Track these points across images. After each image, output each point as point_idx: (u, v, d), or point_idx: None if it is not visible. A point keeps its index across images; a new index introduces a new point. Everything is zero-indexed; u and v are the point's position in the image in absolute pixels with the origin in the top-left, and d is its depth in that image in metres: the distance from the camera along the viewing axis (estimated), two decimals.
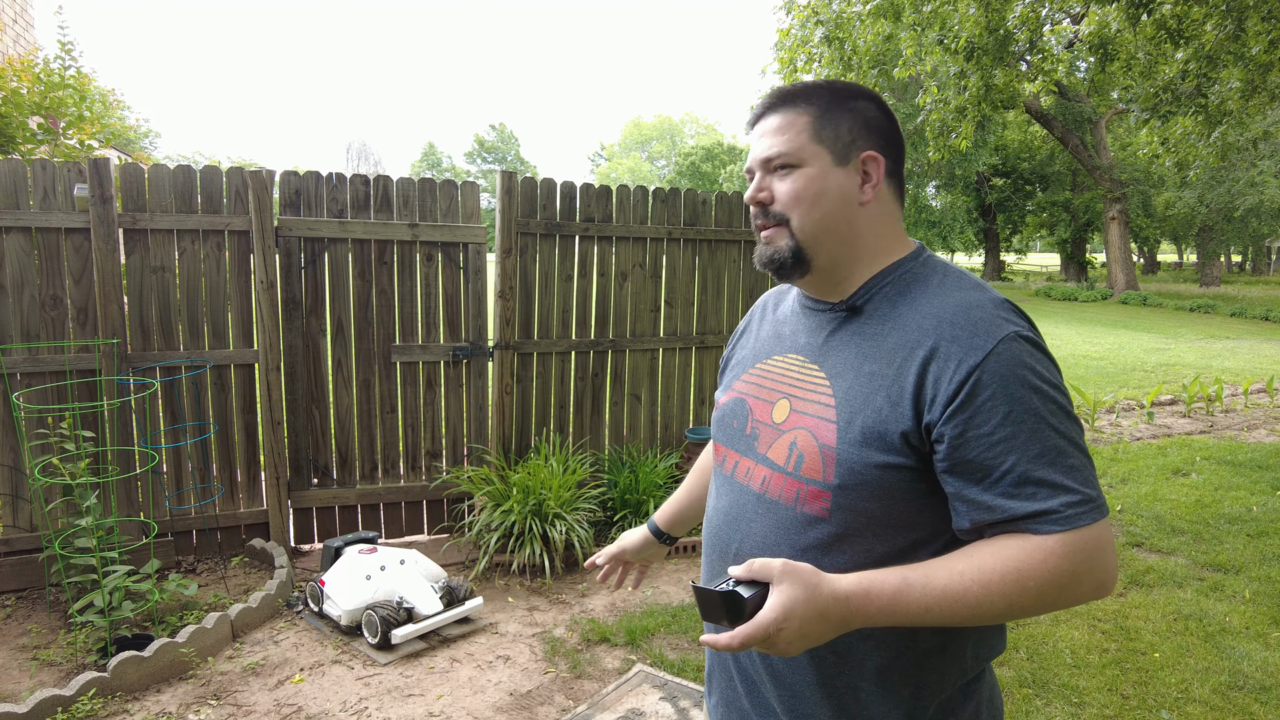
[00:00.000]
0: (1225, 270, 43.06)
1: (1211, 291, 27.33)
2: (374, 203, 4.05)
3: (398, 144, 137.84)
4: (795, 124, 1.06)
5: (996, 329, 0.94)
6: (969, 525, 0.94)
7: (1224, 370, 10.97)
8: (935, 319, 0.98)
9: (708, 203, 4.73)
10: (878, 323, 1.04)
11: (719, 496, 1.18)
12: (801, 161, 1.05)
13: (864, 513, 0.98)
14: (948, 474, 0.94)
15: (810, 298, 1.15)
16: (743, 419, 1.16)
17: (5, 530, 3.59)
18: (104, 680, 2.76)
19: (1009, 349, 0.93)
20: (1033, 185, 32.90)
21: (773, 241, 1.08)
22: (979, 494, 0.92)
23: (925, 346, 0.96)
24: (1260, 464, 6.01)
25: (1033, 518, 0.89)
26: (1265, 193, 23.72)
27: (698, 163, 44.90)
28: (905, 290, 1.05)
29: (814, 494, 1.00)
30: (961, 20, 6.30)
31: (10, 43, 6.82)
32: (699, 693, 2.85)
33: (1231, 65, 6.14)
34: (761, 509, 1.07)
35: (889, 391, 0.97)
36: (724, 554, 1.12)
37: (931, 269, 1.07)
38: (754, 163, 1.11)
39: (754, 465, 1.10)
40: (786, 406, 1.08)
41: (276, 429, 3.97)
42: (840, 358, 1.05)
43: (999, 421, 0.90)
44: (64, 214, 3.51)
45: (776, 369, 1.15)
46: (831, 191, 1.05)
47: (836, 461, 0.98)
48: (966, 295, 1.00)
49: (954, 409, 0.91)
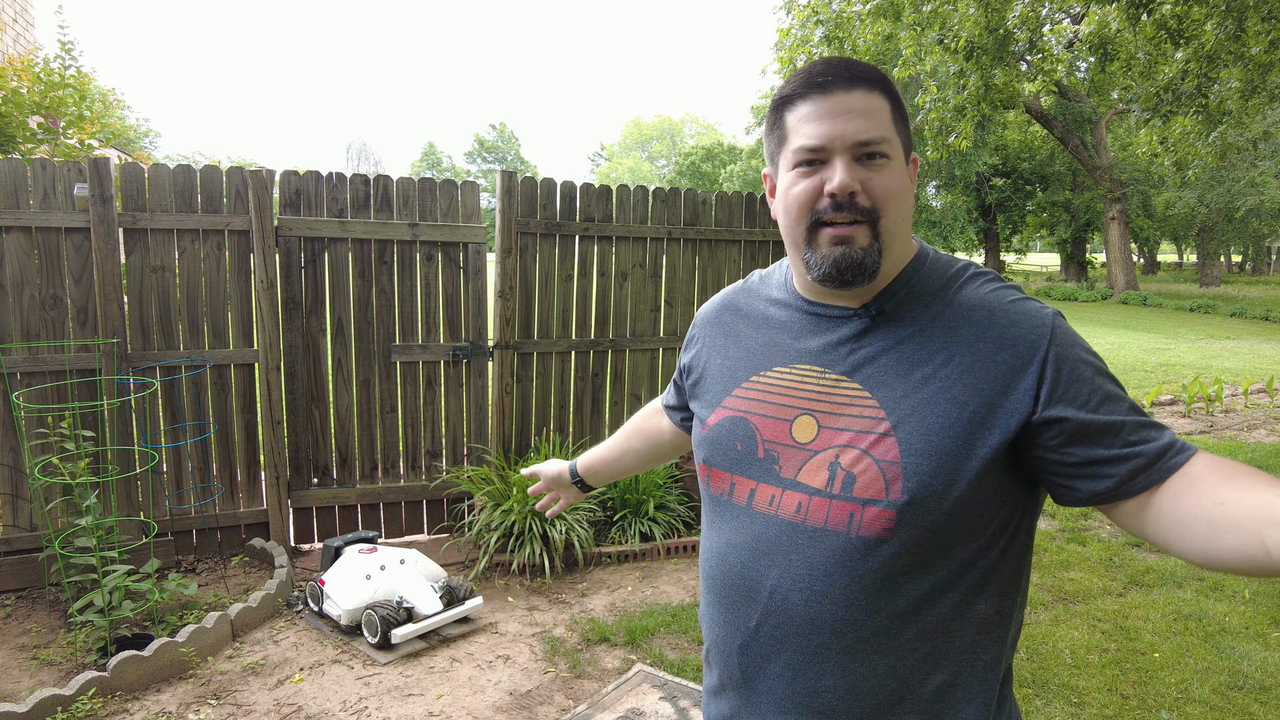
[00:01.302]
0: (1225, 270, 43.07)
1: (1211, 291, 27.34)
2: (374, 202, 4.05)
3: (398, 144, 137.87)
4: (882, 110, 0.95)
5: (1041, 312, 0.94)
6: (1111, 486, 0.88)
7: (1224, 370, 10.97)
8: (983, 311, 0.95)
9: (708, 203, 4.73)
10: (914, 326, 0.97)
11: (733, 530, 1.04)
12: (894, 154, 0.95)
13: (930, 526, 0.91)
14: (1067, 450, 0.89)
15: (815, 302, 1.05)
16: (749, 440, 1.04)
17: (5, 530, 3.59)
18: (104, 680, 2.76)
19: (1061, 326, 0.94)
20: (1033, 185, 32.89)
21: (854, 240, 0.94)
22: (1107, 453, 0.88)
23: (986, 340, 0.93)
24: (1260, 464, 6.01)
25: (1164, 454, 0.87)
26: (1265, 193, 23.73)
27: (698, 163, 44.89)
28: (932, 288, 1.00)
29: (874, 515, 0.92)
30: (961, 20, 6.30)
31: (10, 42, 6.82)
32: (699, 692, 2.85)
33: (1231, 65, 6.14)
34: (802, 538, 0.96)
35: (953, 392, 0.91)
36: (753, 593, 1.00)
37: (948, 265, 1.03)
38: (834, 142, 0.93)
39: (780, 492, 0.99)
40: (812, 424, 0.98)
41: (276, 429, 3.97)
42: (877, 367, 0.97)
43: (1090, 387, 0.89)
44: (64, 213, 3.51)
45: (786, 382, 1.03)
46: (909, 192, 0.98)
47: (904, 476, 0.90)
48: (993, 289, 0.98)
49: (1050, 390, 0.89)
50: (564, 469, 1.54)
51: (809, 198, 0.95)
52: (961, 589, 0.94)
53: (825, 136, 0.93)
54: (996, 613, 0.96)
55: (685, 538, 4.27)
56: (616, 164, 63.13)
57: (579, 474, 1.53)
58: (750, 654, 1.02)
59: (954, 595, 0.94)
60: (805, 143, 0.94)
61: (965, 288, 0.99)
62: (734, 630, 1.04)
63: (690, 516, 4.40)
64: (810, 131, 0.94)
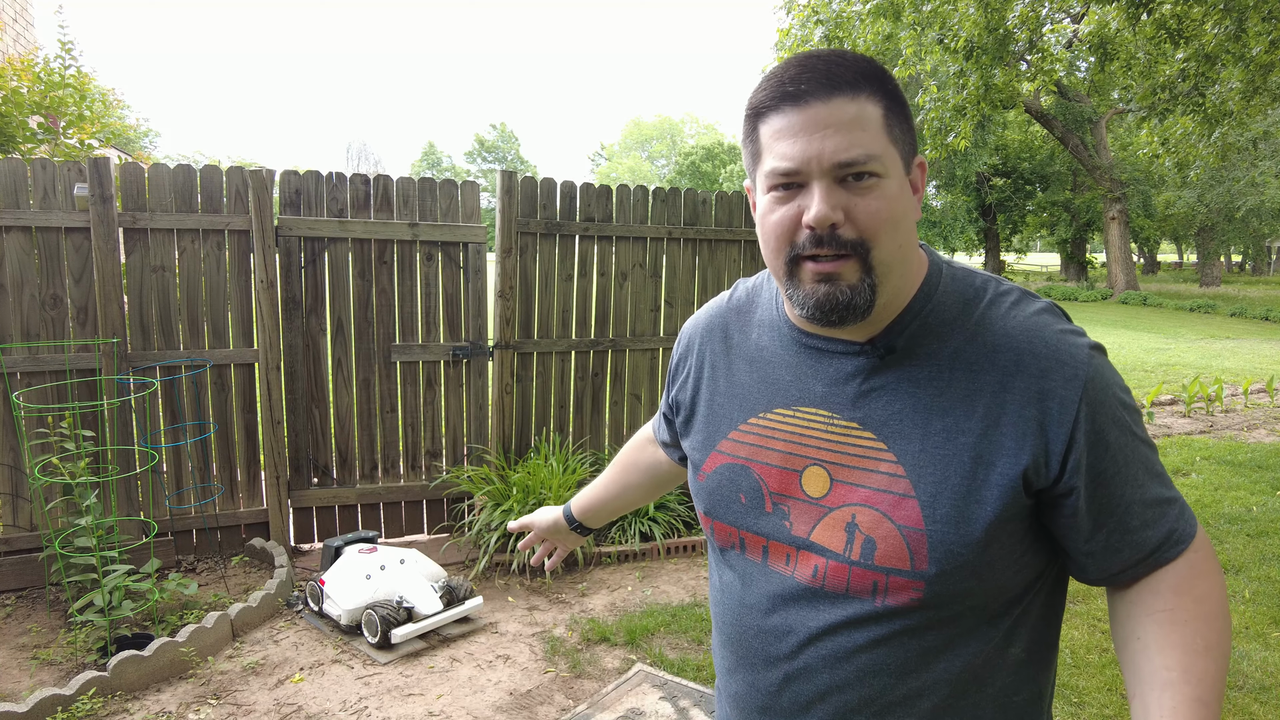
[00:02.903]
0: (1225, 270, 43.06)
1: (1211, 291, 27.33)
2: (374, 202, 4.05)
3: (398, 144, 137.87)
4: (871, 118, 0.81)
5: (1076, 351, 0.84)
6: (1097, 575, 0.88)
7: (1224, 370, 10.97)
8: (1010, 352, 0.84)
9: (708, 202, 4.73)
10: (930, 365, 0.87)
11: (745, 586, 0.96)
12: (886, 171, 0.81)
13: (960, 593, 0.84)
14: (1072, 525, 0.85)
15: (813, 335, 0.93)
16: (754, 493, 0.95)
17: (5, 529, 3.59)
18: (104, 679, 2.76)
19: (1097, 370, 0.84)
20: (1033, 185, 32.88)
21: (842, 278, 0.82)
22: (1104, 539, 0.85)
23: (1013, 389, 0.83)
24: (1260, 464, 6.01)
25: (1158, 549, 0.85)
26: (1266, 193, 23.72)
27: (698, 162, 44.88)
28: (950, 318, 0.88)
29: (900, 585, 0.84)
30: (961, 20, 6.31)
31: (10, 42, 6.82)
32: (699, 692, 2.85)
33: (1232, 65, 6.14)
34: (822, 604, 0.89)
35: (978, 449, 0.83)
36: (772, 658, 0.93)
37: (966, 284, 0.91)
38: (810, 164, 0.80)
39: (794, 551, 0.91)
40: (824, 477, 0.89)
41: (276, 428, 3.97)
42: (891, 413, 0.87)
43: (1112, 454, 0.83)
44: (64, 213, 3.51)
45: (790, 427, 0.93)
46: (909, 212, 0.85)
47: (929, 545, 0.82)
48: (1024, 315, 0.87)
49: (1076, 456, 0.81)
50: (558, 516, 1.43)
51: (786, 228, 0.83)
52: (995, 639, 0.89)
53: (799, 158, 0.80)
54: (1030, 653, 0.92)
55: (685, 538, 4.27)
56: (616, 164, 63.12)
57: (575, 517, 1.42)
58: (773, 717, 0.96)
59: (987, 647, 0.88)
60: (778, 165, 0.82)
61: (988, 314, 0.87)
62: (754, 691, 0.97)
63: (690, 516, 4.40)
64: (783, 151, 0.81)
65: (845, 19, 7.30)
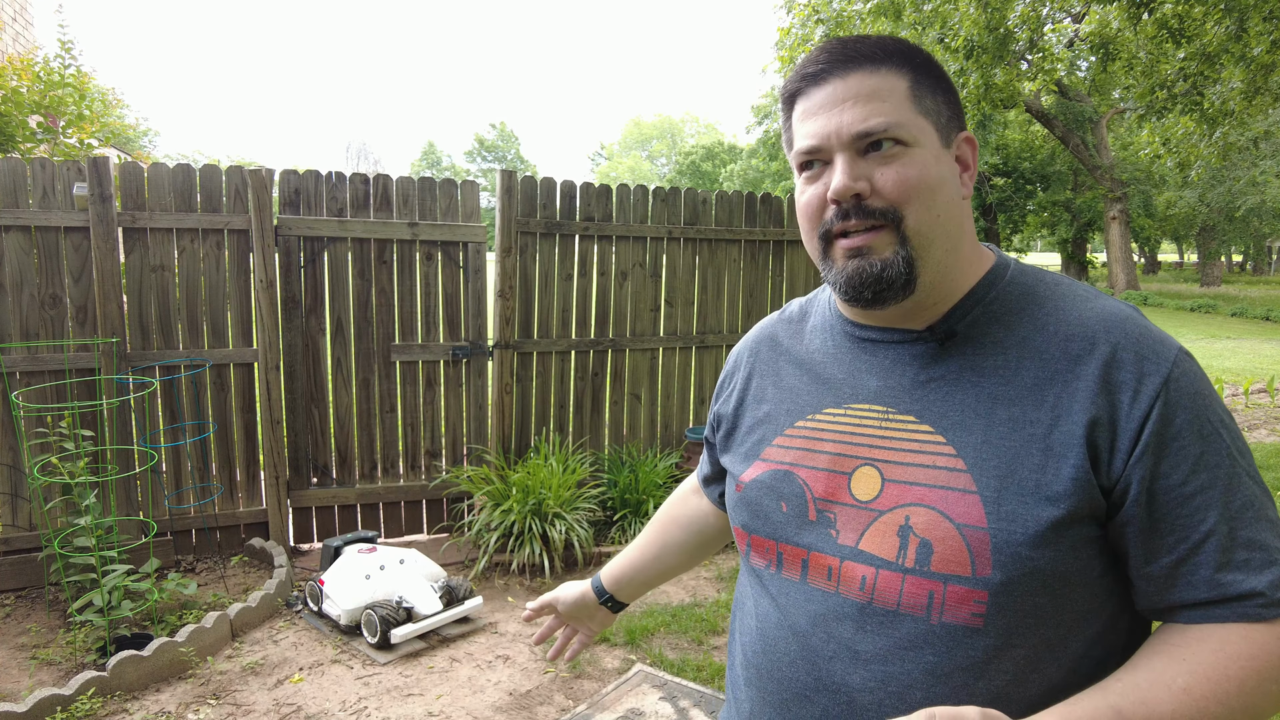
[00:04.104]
0: (1226, 270, 43.04)
1: (1212, 291, 27.32)
2: (374, 202, 4.05)
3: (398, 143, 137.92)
4: (894, 88, 0.79)
5: (1165, 347, 0.75)
6: (1160, 605, 0.74)
7: (1224, 370, 10.96)
8: (1084, 341, 0.76)
9: (708, 202, 4.73)
10: (996, 352, 0.80)
11: (780, 610, 0.86)
12: (914, 139, 0.78)
13: (1032, 611, 0.73)
14: (1131, 539, 0.74)
15: (866, 326, 0.88)
16: (797, 500, 0.86)
17: (4, 529, 3.59)
18: (103, 679, 2.75)
19: (1188, 371, 0.74)
20: (1034, 185, 32.87)
21: (873, 250, 0.79)
22: (1172, 565, 0.72)
23: (1086, 378, 0.74)
24: (1261, 464, 6.01)
25: (1246, 599, 0.70)
26: (1266, 192, 23.71)
27: (698, 162, 44.89)
28: (1018, 307, 0.81)
29: (959, 596, 0.74)
30: (961, 19, 6.30)
31: (10, 41, 6.82)
32: (699, 692, 2.85)
33: (1233, 65, 6.14)
34: (871, 625, 0.78)
35: (1047, 441, 0.74)
36: (808, 694, 0.82)
37: (1036, 278, 0.85)
38: (829, 139, 0.79)
39: (839, 563, 0.81)
40: (875, 477, 0.81)
41: (276, 428, 3.96)
42: (953, 404, 0.79)
43: (1193, 466, 0.71)
44: (63, 213, 3.50)
45: (839, 427, 0.86)
46: (947, 182, 0.80)
47: (993, 547, 0.73)
48: (1104, 304, 0.80)
49: (1142, 449, 0.72)
50: (585, 590, 1.22)
51: (815, 207, 0.82)
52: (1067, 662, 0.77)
53: (819, 134, 0.80)
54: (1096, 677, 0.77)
55: None
56: (616, 163, 63.13)
57: (606, 589, 1.22)
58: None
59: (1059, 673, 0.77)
60: (802, 144, 0.82)
61: (1061, 304, 0.81)
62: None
63: None
64: (806, 130, 0.81)
65: (846, 18, 7.30)
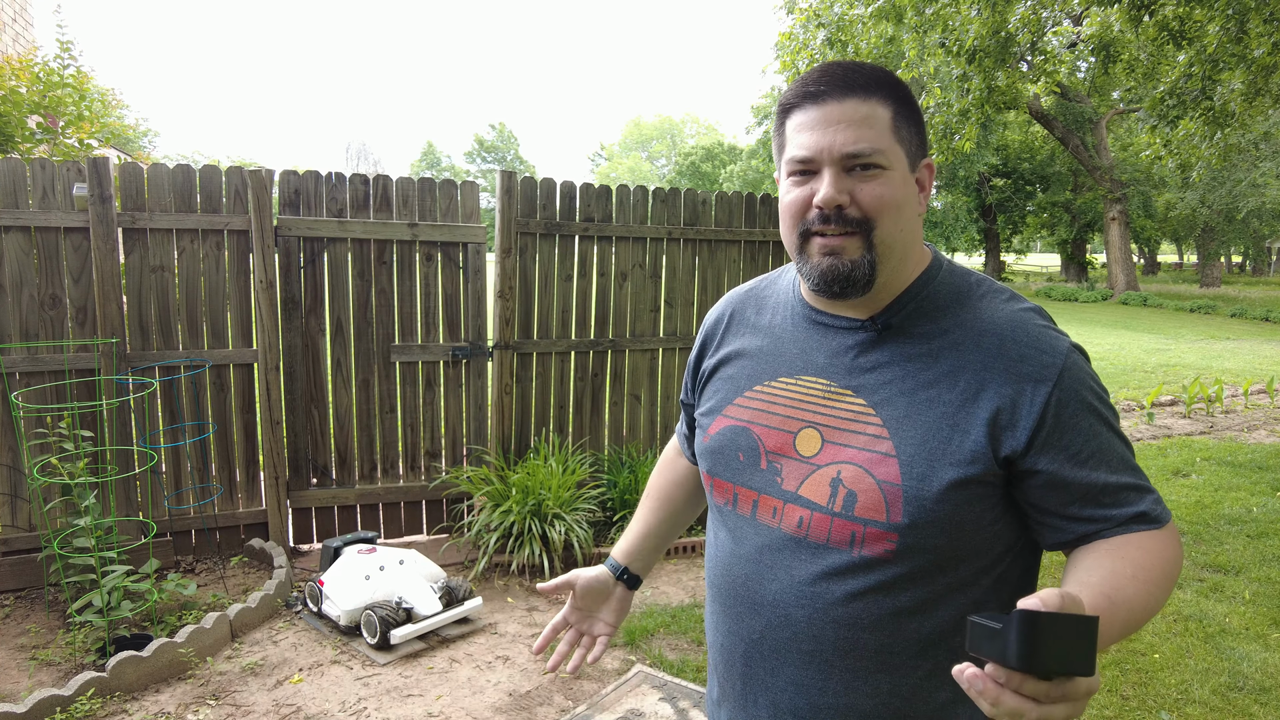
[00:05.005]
0: (1225, 271, 43.05)
1: (1212, 292, 27.31)
2: (373, 202, 4.05)
3: (397, 144, 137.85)
4: (880, 118, 0.94)
5: (1057, 344, 0.93)
6: (1073, 537, 0.93)
7: (1224, 371, 10.96)
8: (994, 337, 0.94)
9: (708, 203, 4.73)
10: (922, 342, 0.97)
11: (738, 541, 1.04)
12: (890, 164, 0.93)
13: (933, 549, 0.92)
14: (1043, 497, 0.92)
15: (823, 312, 1.04)
16: (752, 452, 1.04)
17: (4, 530, 3.59)
18: (102, 680, 2.75)
19: (1075, 363, 0.93)
20: (1033, 186, 32.88)
21: (844, 252, 0.94)
22: (1081, 509, 0.91)
23: (994, 369, 0.92)
24: (1260, 465, 6.01)
25: (1137, 519, 0.91)
26: (1267, 194, 23.71)
27: (698, 163, 44.87)
28: (945, 305, 0.98)
29: (875, 535, 0.92)
30: (963, 23, 6.30)
31: (9, 41, 6.81)
32: (698, 693, 2.85)
33: (1234, 67, 6.13)
34: (804, 553, 0.97)
35: (955, 418, 0.92)
36: (757, 604, 1.01)
37: (962, 279, 1.01)
38: (823, 154, 0.93)
39: (781, 504, 0.99)
40: (816, 438, 0.98)
41: (275, 429, 3.96)
42: (882, 381, 0.97)
43: (1085, 438, 0.91)
44: (63, 213, 3.50)
45: (789, 394, 1.03)
46: (910, 201, 0.96)
47: (904, 499, 0.91)
48: (1012, 309, 0.97)
49: (1044, 435, 0.90)
50: (601, 571, 1.27)
51: (799, 208, 0.96)
52: (966, 604, 0.94)
53: (814, 148, 0.94)
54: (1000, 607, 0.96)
55: (685, 538, 4.26)
56: (616, 164, 63.11)
57: (621, 563, 1.29)
58: (752, 664, 1.02)
59: (958, 611, 0.94)
60: (795, 153, 0.95)
61: (980, 305, 0.98)
62: (737, 640, 1.04)
63: None
64: (801, 141, 0.95)
65: (848, 22, 7.28)
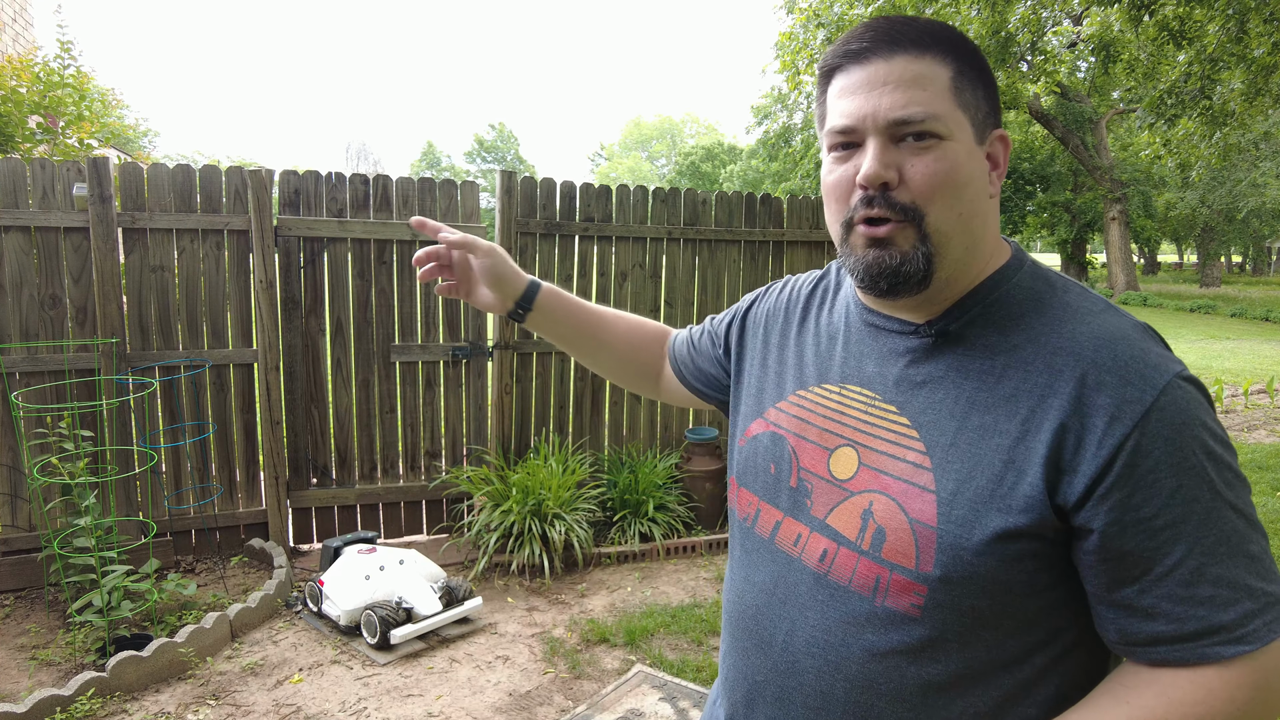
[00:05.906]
0: (1225, 271, 43.05)
1: (1212, 292, 27.32)
2: (373, 202, 4.05)
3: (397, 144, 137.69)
4: (936, 77, 0.77)
5: (1156, 372, 0.71)
6: (1117, 638, 0.73)
7: (1224, 371, 10.97)
8: (1072, 357, 0.74)
9: (708, 203, 4.73)
10: (984, 356, 0.79)
11: (753, 566, 0.92)
12: (949, 133, 0.76)
13: (969, 612, 0.75)
14: (1093, 568, 0.72)
15: (876, 312, 0.88)
16: (784, 465, 0.91)
17: (4, 530, 3.59)
18: (102, 680, 2.75)
19: (1176, 400, 0.70)
20: (1033, 185, 32.88)
21: (893, 243, 0.78)
22: (1134, 597, 0.71)
23: (1062, 396, 0.73)
24: (1260, 465, 6.00)
25: (1206, 635, 0.68)
26: (1267, 193, 23.72)
27: (698, 163, 44.87)
28: (1018, 313, 0.80)
29: (902, 585, 0.76)
30: (963, 22, 6.30)
31: (9, 41, 6.82)
32: (698, 693, 2.85)
33: (1234, 67, 6.14)
34: (821, 594, 0.82)
35: (1012, 454, 0.74)
36: (765, 643, 0.88)
37: (1045, 282, 0.82)
38: (865, 121, 0.77)
39: (807, 532, 0.85)
40: (853, 458, 0.84)
41: (275, 429, 3.96)
42: (933, 401, 0.80)
43: (1165, 500, 0.69)
44: (63, 213, 3.50)
45: (830, 403, 0.89)
46: (976, 179, 0.78)
47: (938, 546, 0.74)
48: (1105, 321, 0.76)
49: (1107, 486, 0.70)
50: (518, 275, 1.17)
51: (843, 189, 0.81)
52: (1013, 688, 0.77)
53: (855, 115, 0.78)
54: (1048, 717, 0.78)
55: (685, 538, 4.26)
56: (616, 164, 63.12)
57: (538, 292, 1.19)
58: (755, 709, 0.91)
59: (1003, 695, 0.77)
60: (836, 123, 0.80)
61: (1063, 315, 0.78)
62: (740, 678, 0.93)
63: (690, 517, 4.40)
64: (841, 109, 0.79)
65: (848, 22, 7.29)
